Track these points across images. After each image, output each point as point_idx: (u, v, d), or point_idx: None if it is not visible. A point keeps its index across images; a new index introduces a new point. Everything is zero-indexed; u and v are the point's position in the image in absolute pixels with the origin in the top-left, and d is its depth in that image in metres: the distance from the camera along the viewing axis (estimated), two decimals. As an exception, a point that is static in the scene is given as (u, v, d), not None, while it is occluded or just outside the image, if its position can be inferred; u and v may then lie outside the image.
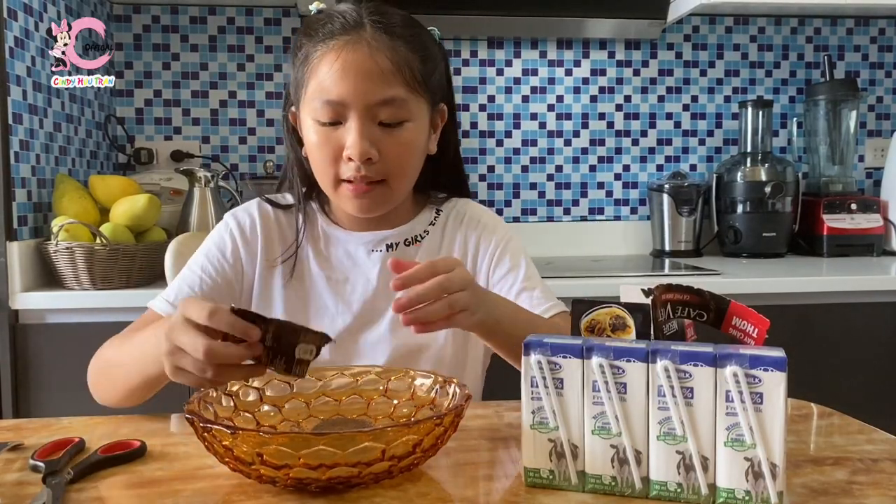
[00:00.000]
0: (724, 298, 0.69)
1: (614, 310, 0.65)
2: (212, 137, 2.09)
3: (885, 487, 0.63)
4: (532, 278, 1.00)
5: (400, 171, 0.92)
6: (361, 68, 0.86)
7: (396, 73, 0.87)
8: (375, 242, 0.99)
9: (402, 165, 0.92)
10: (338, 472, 0.59)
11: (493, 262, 1.00)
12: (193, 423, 0.62)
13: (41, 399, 1.50)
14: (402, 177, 0.93)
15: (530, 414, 0.63)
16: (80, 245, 1.49)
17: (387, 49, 0.87)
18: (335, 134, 0.89)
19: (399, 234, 1.00)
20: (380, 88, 0.87)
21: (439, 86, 0.96)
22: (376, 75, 0.86)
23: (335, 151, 0.89)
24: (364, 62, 0.86)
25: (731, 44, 2.25)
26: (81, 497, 0.63)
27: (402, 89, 0.88)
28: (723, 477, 0.58)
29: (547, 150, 2.21)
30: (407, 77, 0.88)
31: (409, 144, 0.91)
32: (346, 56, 0.86)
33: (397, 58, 0.88)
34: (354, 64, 0.86)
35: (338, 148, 0.89)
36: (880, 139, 2.31)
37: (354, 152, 0.87)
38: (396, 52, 0.88)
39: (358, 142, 0.87)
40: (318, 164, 0.92)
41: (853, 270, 1.79)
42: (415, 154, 0.94)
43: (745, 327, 0.67)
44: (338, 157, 0.89)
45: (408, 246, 1.00)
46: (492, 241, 1.01)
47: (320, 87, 0.87)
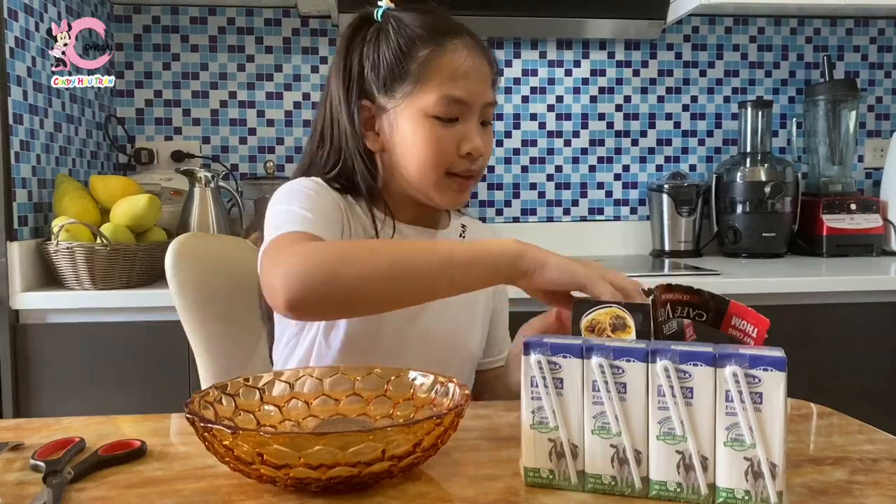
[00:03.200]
0: (723, 298, 0.70)
1: (614, 310, 0.65)
2: (212, 137, 2.09)
3: (885, 487, 0.63)
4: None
5: (486, 165, 0.99)
6: (481, 71, 0.94)
7: (492, 79, 0.97)
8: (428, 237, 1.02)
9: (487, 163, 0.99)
10: (338, 472, 0.59)
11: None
12: (193, 423, 0.62)
13: (41, 399, 1.50)
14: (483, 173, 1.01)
15: (530, 414, 0.63)
16: (81, 245, 1.49)
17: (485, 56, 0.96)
18: (451, 130, 0.93)
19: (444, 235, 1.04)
20: (489, 91, 0.96)
21: None
22: (487, 79, 0.95)
23: (452, 147, 0.93)
24: (483, 66, 0.95)
25: (730, 44, 2.25)
26: (81, 497, 0.63)
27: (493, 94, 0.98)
28: (722, 477, 0.58)
29: (547, 151, 2.21)
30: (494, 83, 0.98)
31: (492, 142, 1.01)
32: (471, 57, 0.93)
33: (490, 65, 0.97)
34: (477, 66, 0.94)
35: (453, 143, 0.93)
36: (880, 139, 2.31)
37: (476, 147, 0.93)
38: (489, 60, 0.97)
39: (478, 140, 0.94)
40: (426, 158, 0.93)
41: (853, 270, 1.79)
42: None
43: (745, 327, 0.67)
44: (452, 153, 0.93)
45: None
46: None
47: (446, 84, 0.92)
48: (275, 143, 2.11)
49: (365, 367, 0.82)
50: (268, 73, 2.10)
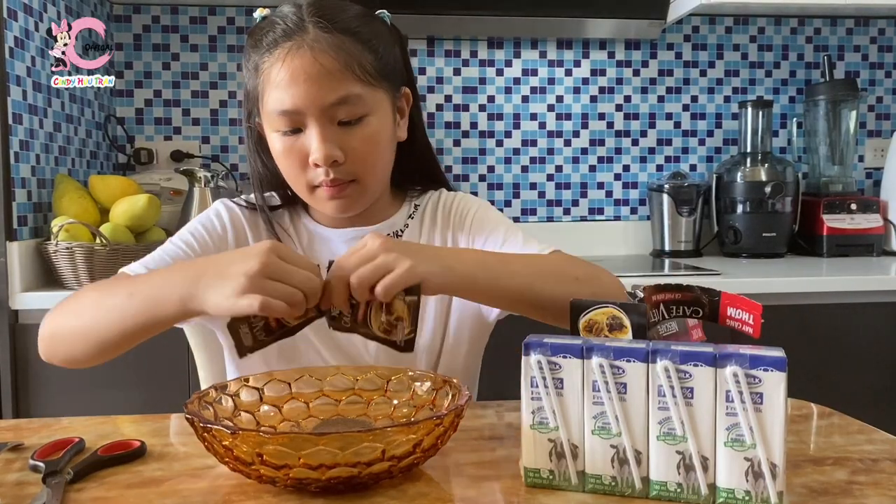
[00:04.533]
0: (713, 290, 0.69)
1: (610, 310, 0.65)
2: (212, 137, 2.09)
3: (885, 487, 0.63)
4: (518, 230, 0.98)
5: (369, 167, 0.91)
6: (308, 73, 0.85)
7: (345, 71, 0.86)
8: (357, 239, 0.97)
9: (370, 161, 0.91)
10: (338, 472, 0.59)
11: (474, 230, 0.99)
12: (193, 423, 0.62)
13: (41, 399, 1.50)
14: (373, 172, 0.92)
15: (530, 414, 0.63)
16: (80, 245, 1.49)
17: (331, 49, 0.86)
18: (298, 142, 0.88)
19: (381, 229, 0.99)
20: (330, 90, 0.85)
21: (397, 71, 0.94)
22: (324, 77, 0.85)
23: (301, 159, 0.88)
24: (310, 66, 0.85)
25: (730, 44, 2.25)
26: (81, 497, 0.63)
27: (354, 86, 0.87)
28: (723, 477, 0.58)
29: (547, 151, 2.21)
30: (357, 72, 0.87)
31: (372, 138, 0.90)
32: (290, 63, 0.85)
33: (344, 55, 0.86)
34: (301, 70, 0.85)
35: (303, 155, 0.88)
36: (880, 139, 2.31)
37: (319, 157, 0.86)
38: (342, 50, 0.86)
39: (320, 147, 0.86)
40: (287, 173, 0.92)
41: (853, 270, 1.79)
42: (381, 147, 0.92)
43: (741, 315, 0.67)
44: (305, 165, 0.89)
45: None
46: (466, 217, 1.01)
47: (274, 98, 0.87)
48: (275, 143, 2.11)
49: (365, 367, 0.82)
50: (268, 72, 2.09)
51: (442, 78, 2.16)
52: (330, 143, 0.86)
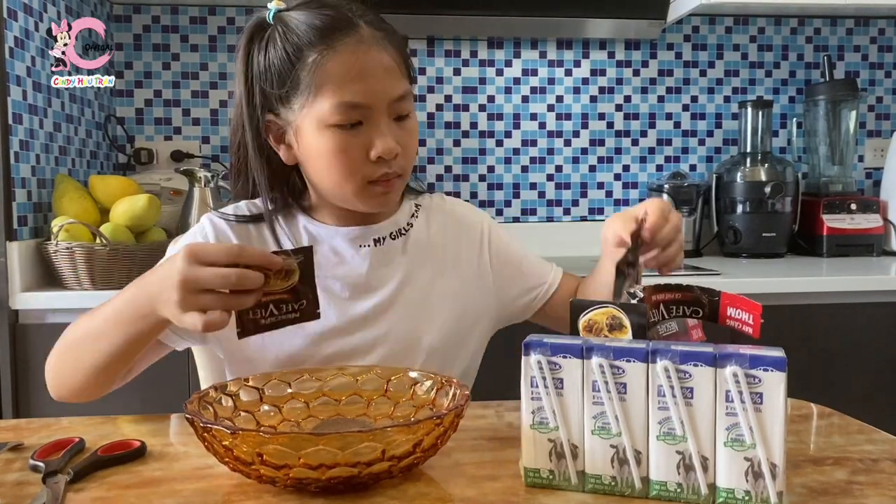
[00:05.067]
0: (713, 290, 0.69)
1: (610, 310, 0.65)
2: (212, 137, 2.09)
3: (885, 487, 0.63)
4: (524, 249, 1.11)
5: (411, 161, 0.93)
6: (377, 67, 0.86)
7: (401, 67, 0.89)
8: (362, 238, 0.97)
9: (412, 156, 0.93)
10: (338, 472, 0.59)
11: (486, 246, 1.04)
12: (193, 423, 0.62)
13: (41, 399, 1.50)
14: (411, 167, 0.95)
15: (530, 414, 0.63)
16: (80, 245, 1.49)
17: (388, 44, 0.88)
18: (357, 137, 0.87)
19: (384, 228, 0.98)
20: (395, 85, 0.87)
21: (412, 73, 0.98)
22: (390, 72, 0.87)
23: (361, 154, 0.87)
24: (378, 60, 0.86)
25: (730, 44, 2.25)
26: (81, 497, 0.63)
27: (406, 83, 0.90)
28: (723, 477, 0.58)
29: (547, 151, 2.21)
30: (404, 70, 0.90)
31: (415, 133, 0.93)
32: (359, 56, 0.85)
33: (396, 53, 0.89)
34: (370, 63, 0.85)
35: (363, 150, 0.87)
36: (880, 139, 2.31)
37: (386, 150, 0.86)
38: (394, 48, 0.89)
39: (387, 140, 0.86)
40: (337, 170, 0.88)
41: (853, 270, 1.79)
42: (417, 143, 0.95)
43: (741, 315, 0.67)
44: (364, 159, 0.87)
45: (394, 239, 0.99)
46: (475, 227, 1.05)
47: (338, 90, 0.85)
48: (275, 143, 2.11)
49: (365, 367, 0.82)
50: (268, 72, 2.09)
51: (442, 78, 2.16)
52: (394, 139, 0.88)
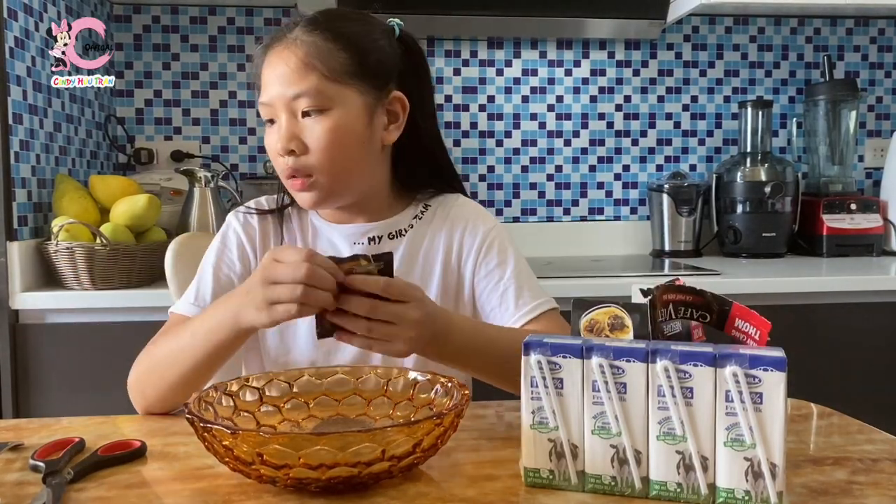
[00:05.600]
0: (726, 300, 0.69)
1: (613, 309, 0.65)
2: (212, 137, 2.09)
3: (885, 487, 0.63)
4: (520, 275, 0.99)
5: (327, 160, 0.92)
6: (276, 68, 0.92)
7: (308, 66, 0.91)
8: (358, 235, 1.00)
9: (329, 155, 0.92)
10: (338, 472, 0.59)
11: (480, 256, 1.00)
12: (193, 423, 0.62)
13: (41, 399, 1.50)
14: (332, 166, 0.93)
15: (530, 414, 0.63)
16: (80, 245, 1.49)
17: (302, 46, 0.91)
18: (272, 135, 0.94)
19: (382, 227, 1.00)
20: (294, 82, 0.91)
21: (384, 73, 0.96)
22: (293, 70, 0.91)
23: (274, 150, 0.94)
24: (278, 63, 0.92)
25: (730, 44, 2.25)
26: (81, 497, 0.63)
27: (316, 80, 0.91)
28: (722, 477, 0.58)
29: (547, 150, 2.21)
30: (320, 69, 0.91)
31: (333, 130, 0.91)
32: (269, 59, 0.93)
33: (312, 52, 0.91)
34: (276, 63, 0.92)
35: (275, 146, 0.94)
36: (880, 139, 2.31)
37: (279, 147, 0.92)
38: (312, 47, 0.91)
39: (280, 136, 0.92)
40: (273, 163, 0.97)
41: (853, 270, 1.79)
42: (344, 143, 0.93)
43: (748, 329, 0.67)
44: (274, 154, 0.94)
45: (391, 239, 1.00)
46: (478, 236, 1.01)
47: (261, 91, 0.95)
48: (275, 143, 2.11)
49: (365, 368, 0.82)
50: (268, 72, 2.09)
51: (442, 78, 2.16)
52: (288, 133, 0.91)
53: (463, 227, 1.02)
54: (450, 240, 1.02)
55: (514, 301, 0.96)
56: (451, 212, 1.03)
